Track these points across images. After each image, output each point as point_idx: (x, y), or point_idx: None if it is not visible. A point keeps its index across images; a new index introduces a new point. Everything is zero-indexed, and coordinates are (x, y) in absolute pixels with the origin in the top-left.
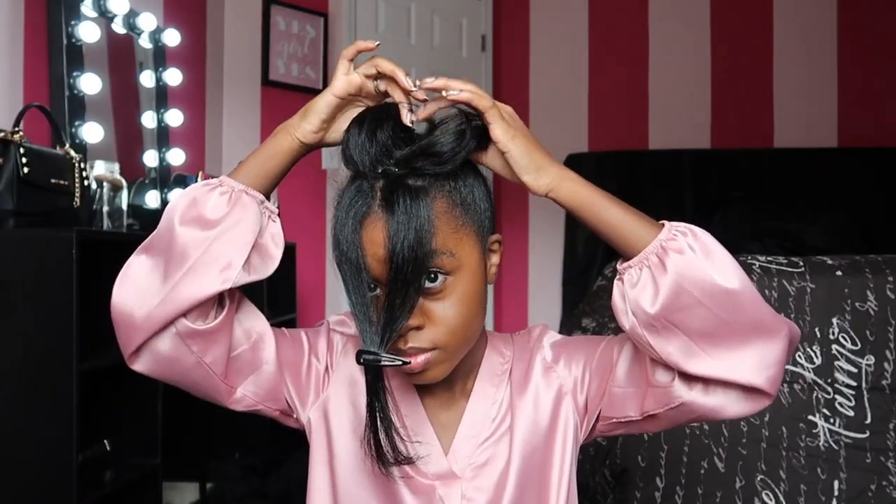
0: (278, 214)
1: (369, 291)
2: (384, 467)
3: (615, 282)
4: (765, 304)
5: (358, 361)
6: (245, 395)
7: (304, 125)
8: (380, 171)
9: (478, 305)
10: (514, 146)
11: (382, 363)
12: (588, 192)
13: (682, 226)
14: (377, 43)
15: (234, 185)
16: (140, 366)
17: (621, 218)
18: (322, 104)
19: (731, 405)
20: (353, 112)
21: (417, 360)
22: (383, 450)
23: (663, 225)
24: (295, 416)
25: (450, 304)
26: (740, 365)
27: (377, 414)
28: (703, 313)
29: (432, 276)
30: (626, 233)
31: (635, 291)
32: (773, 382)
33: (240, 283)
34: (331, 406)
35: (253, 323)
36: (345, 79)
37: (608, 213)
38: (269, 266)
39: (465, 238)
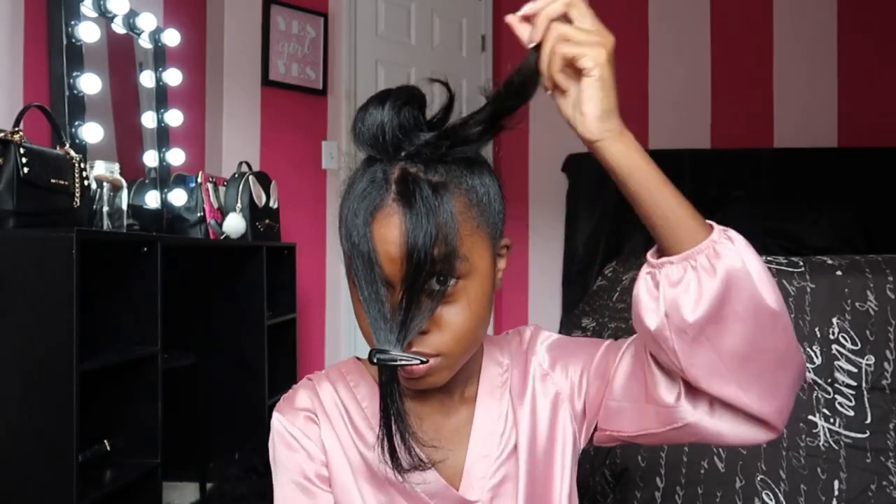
0: None
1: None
2: (401, 474)
3: (643, 275)
4: (793, 332)
5: (371, 361)
6: None
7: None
8: (402, 154)
9: (486, 312)
10: (603, 70)
11: (399, 363)
12: (643, 161)
13: (731, 232)
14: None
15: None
16: None
17: (674, 205)
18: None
19: (735, 431)
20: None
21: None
22: (398, 455)
23: (711, 225)
24: None
25: (459, 310)
26: (756, 392)
27: (392, 416)
28: (739, 330)
29: (443, 278)
30: (675, 222)
31: (676, 291)
32: (780, 414)
33: None
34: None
35: None
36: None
37: (659, 193)
38: None
39: (479, 241)
